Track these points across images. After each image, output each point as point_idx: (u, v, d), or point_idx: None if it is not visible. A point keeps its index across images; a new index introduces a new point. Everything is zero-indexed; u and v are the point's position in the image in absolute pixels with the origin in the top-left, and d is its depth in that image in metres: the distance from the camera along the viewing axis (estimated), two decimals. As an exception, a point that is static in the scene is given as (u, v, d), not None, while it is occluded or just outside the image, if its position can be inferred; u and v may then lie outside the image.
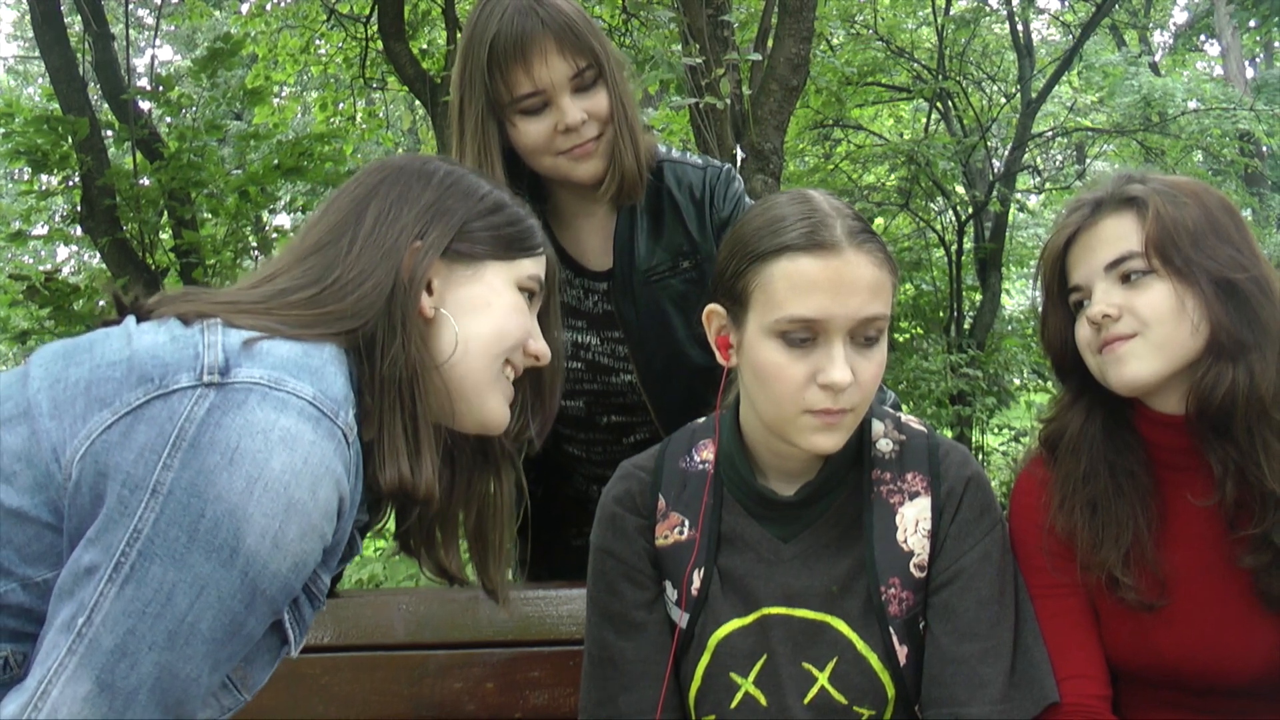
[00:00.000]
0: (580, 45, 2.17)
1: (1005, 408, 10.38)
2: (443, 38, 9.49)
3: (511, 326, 1.62)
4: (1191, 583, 1.84)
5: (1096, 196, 1.88)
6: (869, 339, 1.71)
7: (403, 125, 17.96)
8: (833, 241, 1.68)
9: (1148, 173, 1.89)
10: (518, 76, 2.14)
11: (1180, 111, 14.45)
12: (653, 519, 1.94)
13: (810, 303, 1.66)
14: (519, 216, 1.68)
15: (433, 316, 1.58)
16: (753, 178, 5.89)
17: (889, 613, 1.81)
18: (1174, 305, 1.76)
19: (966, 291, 11.55)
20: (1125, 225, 1.81)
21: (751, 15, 9.13)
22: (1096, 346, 1.83)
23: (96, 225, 6.45)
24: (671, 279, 2.41)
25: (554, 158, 2.22)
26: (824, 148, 13.80)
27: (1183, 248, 1.76)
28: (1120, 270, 1.80)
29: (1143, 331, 1.78)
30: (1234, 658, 1.81)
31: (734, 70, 6.04)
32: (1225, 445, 1.78)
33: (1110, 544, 1.85)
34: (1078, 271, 1.87)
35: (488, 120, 2.19)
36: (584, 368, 2.44)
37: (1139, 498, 1.86)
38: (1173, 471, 1.87)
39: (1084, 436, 1.92)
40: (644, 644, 1.88)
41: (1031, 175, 15.53)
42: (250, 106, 10.04)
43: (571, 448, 2.52)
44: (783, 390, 1.71)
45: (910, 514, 1.85)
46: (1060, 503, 1.91)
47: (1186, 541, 1.85)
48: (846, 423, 1.74)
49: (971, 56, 13.78)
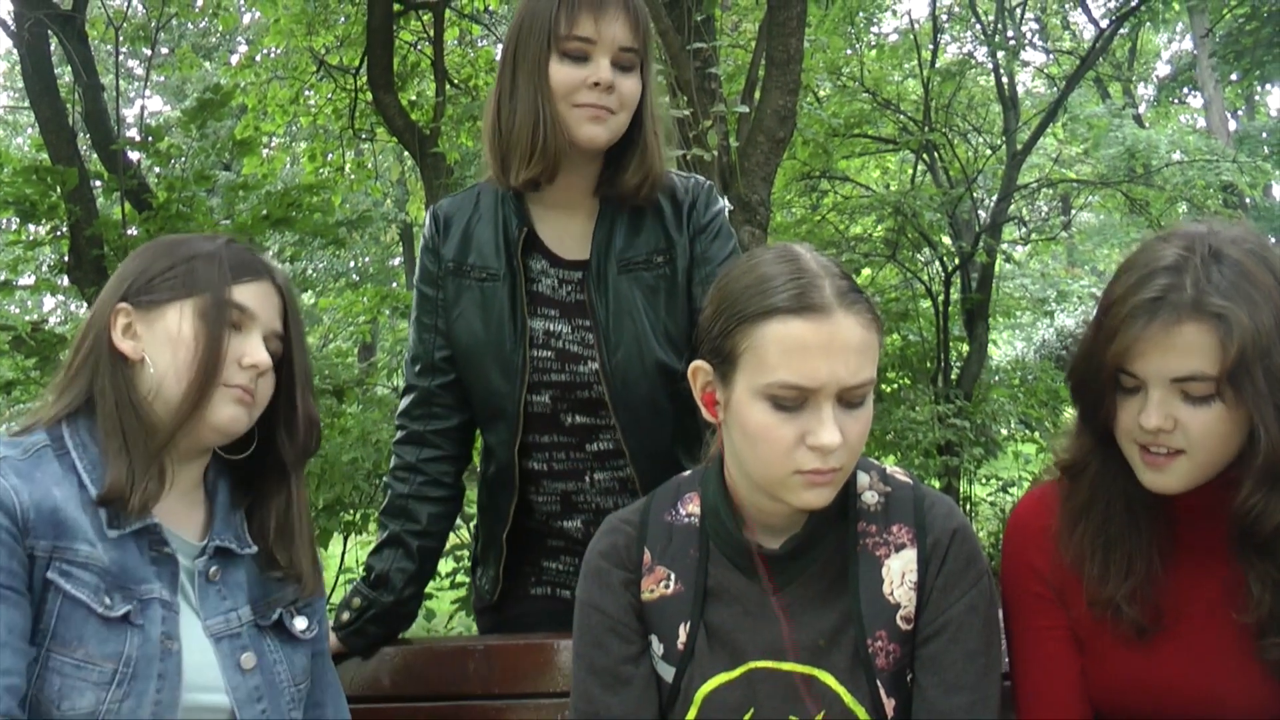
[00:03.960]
0: (641, 31, 2.33)
1: (993, 458, 10.38)
2: (431, 89, 9.56)
3: (204, 352, 1.87)
4: (1187, 622, 1.84)
5: (1174, 286, 1.72)
6: (855, 402, 1.72)
7: (391, 176, 18.06)
8: (823, 304, 1.68)
9: (1221, 239, 1.75)
10: (584, 18, 2.28)
11: (1164, 163, 14.54)
12: (638, 573, 1.93)
13: (802, 369, 1.67)
14: (199, 259, 1.93)
15: (140, 358, 1.88)
16: (740, 229, 5.90)
17: (876, 665, 1.80)
18: (1227, 428, 1.72)
19: (953, 342, 11.54)
20: (1206, 341, 1.68)
21: (739, 67, 9.21)
22: (1137, 443, 1.80)
23: (84, 275, 6.44)
24: (645, 272, 2.44)
25: (571, 108, 2.31)
26: (811, 199, 13.83)
27: (1253, 376, 1.67)
28: (1186, 386, 1.72)
29: (1190, 450, 1.75)
30: (1224, 694, 1.81)
31: (721, 122, 6.06)
32: (1264, 564, 1.77)
33: (1119, 578, 1.85)
34: (1140, 365, 1.75)
35: (545, 51, 2.30)
36: (553, 356, 2.44)
37: (1152, 537, 1.86)
38: (1193, 524, 1.86)
39: (1107, 473, 1.90)
40: (630, 699, 1.86)
41: (1017, 226, 15.59)
42: (239, 157, 10.08)
43: (534, 461, 2.51)
44: (773, 452, 1.71)
45: (896, 566, 1.85)
46: (1070, 530, 1.91)
47: (1191, 576, 1.85)
48: (836, 480, 1.74)
49: (957, 109, 13.87)
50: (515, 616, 2.62)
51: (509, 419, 2.45)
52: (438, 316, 2.50)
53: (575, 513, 2.54)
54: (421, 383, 2.52)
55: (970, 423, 9.56)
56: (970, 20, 14.56)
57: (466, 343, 2.46)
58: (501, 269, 2.44)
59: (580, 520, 2.53)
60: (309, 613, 2.04)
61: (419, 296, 2.54)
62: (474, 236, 2.48)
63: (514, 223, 2.44)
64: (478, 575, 2.72)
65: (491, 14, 10.99)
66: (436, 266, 2.51)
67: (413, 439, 2.53)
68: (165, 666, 1.77)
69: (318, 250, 14.77)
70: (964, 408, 9.84)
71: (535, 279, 2.46)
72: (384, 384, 8.46)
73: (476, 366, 2.47)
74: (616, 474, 2.51)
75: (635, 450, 2.45)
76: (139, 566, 1.80)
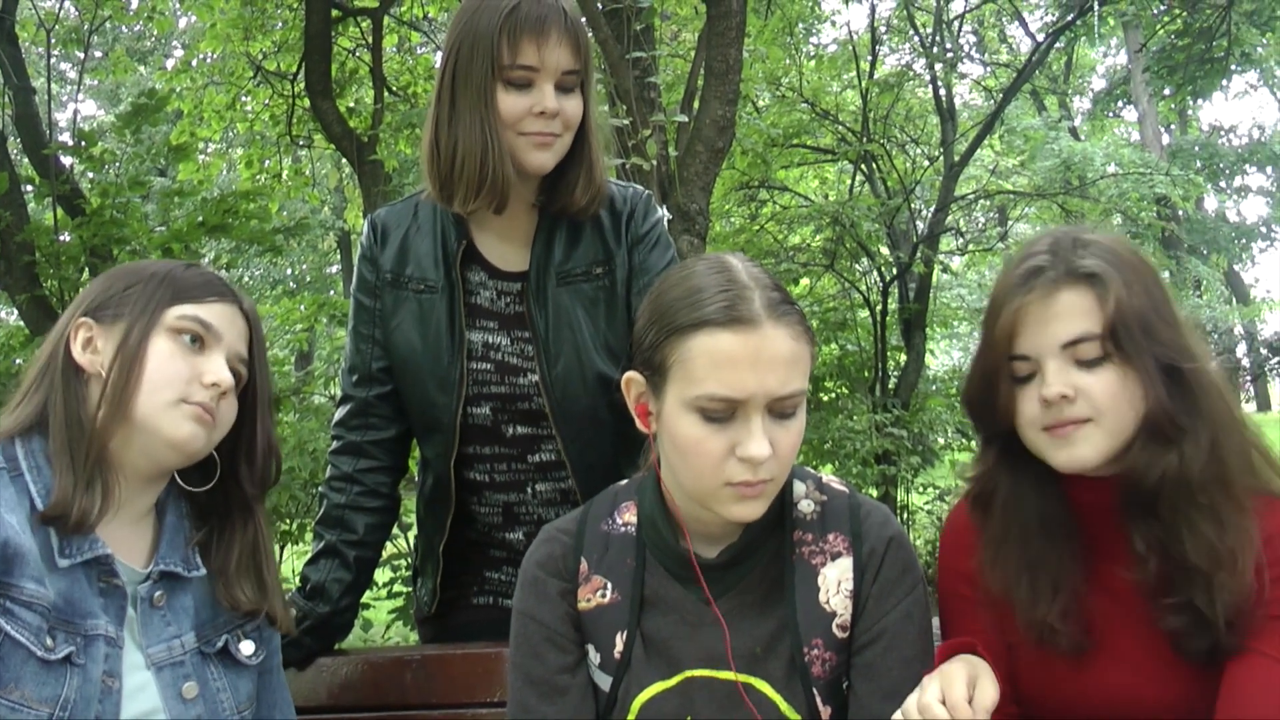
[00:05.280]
0: (582, 51, 2.32)
1: (930, 466, 10.43)
2: (370, 96, 9.51)
3: (167, 371, 1.85)
4: (1113, 631, 1.86)
5: (1046, 263, 1.83)
6: (786, 413, 1.72)
7: (329, 183, 17.94)
8: (751, 316, 1.69)
9: (1085, 233, 1.88)
10: (526, 47, 2.25)
11: (1099, 176, 14.75)
12: (575, 582, 1.93)
13: (730, 381, 1.67)
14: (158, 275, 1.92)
15: (98, 373, 1.85)
16: (679, 238, 5.91)
17: (812, 674, 1.80)
18: (1124, 390, 1.77)
19: (891, 352, 11.61)
20: (1084, 302, 1.78)
21: (678, 77, 9.23)
22: (1043, 425, 1.83)
23: (15, 282, 6.35)
24: (584, 283, 2.44)
25: (517, 136, 2.29)
26: (750, 209, 13.87)
27: (1135, 333, 1.76)
28: (1075, 350, 1.79)
29: (1096, 417, 1.78)
30: (1153, 702, 1.82)
31: (660, 131, 6.07)
32: (1149, 522, 1.80)
33: (1047, 599, 1.86)
34: (1027, 342, 1.83)
35: (490, 80, 2.27)
36: (493, 368, 2.44)
37: (1070, 550, 1.88)
38: (1097, 527, 1.89)
39: (1015, 496, 1.93)
40: (567, 708, 1.86)
41: (955, 237, 15.70)
42: (175, 163, 9.95)
43: (475, 473, 2.50)
44: (702, 463, 1.72)
45: (832, 574, 1.85)
46: (993, 561, 1.92)
47: (1109, 592, 1.87)
48: (767, 492, 1.75)
49: (895, 120, 13.94)
50: (458, 625, 2.62)
51: (445, 432, 2.44)
52: (375, 327, 2.49)
53: (517, 524, 2.53)
54: (358, 393, 2.51)
55: (907, 432, 9.62)
56: (908, 32, 14.68)
57: (404, 355, 2.45)
58: (440, 281, 2.42)
59: (523, 532, 2.52)
60: (256, 636, 2.01)
61: (356, 306, 2.52)
62: (412, 248, 2.46)
63: (453, 235, 2.43)
64: (418, 586, 2.71)
65: (431, 21, 10.96)
66: (374, 276, 2.49)
67: (349, 449, 2.51)
68: (104, 707, 1.74)
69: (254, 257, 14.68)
70: (901, 417, 9.91)
71: (474, 291, 2.45)
72: (321, 393, 8.40)
73: (413, 379, 2.45)
74: (559, 485, 2.50)
75: (576, 461, 2.45)
76: (86, 599, 1.76)
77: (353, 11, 8.85)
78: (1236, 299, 29.04)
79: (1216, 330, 21.69)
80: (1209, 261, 26.79)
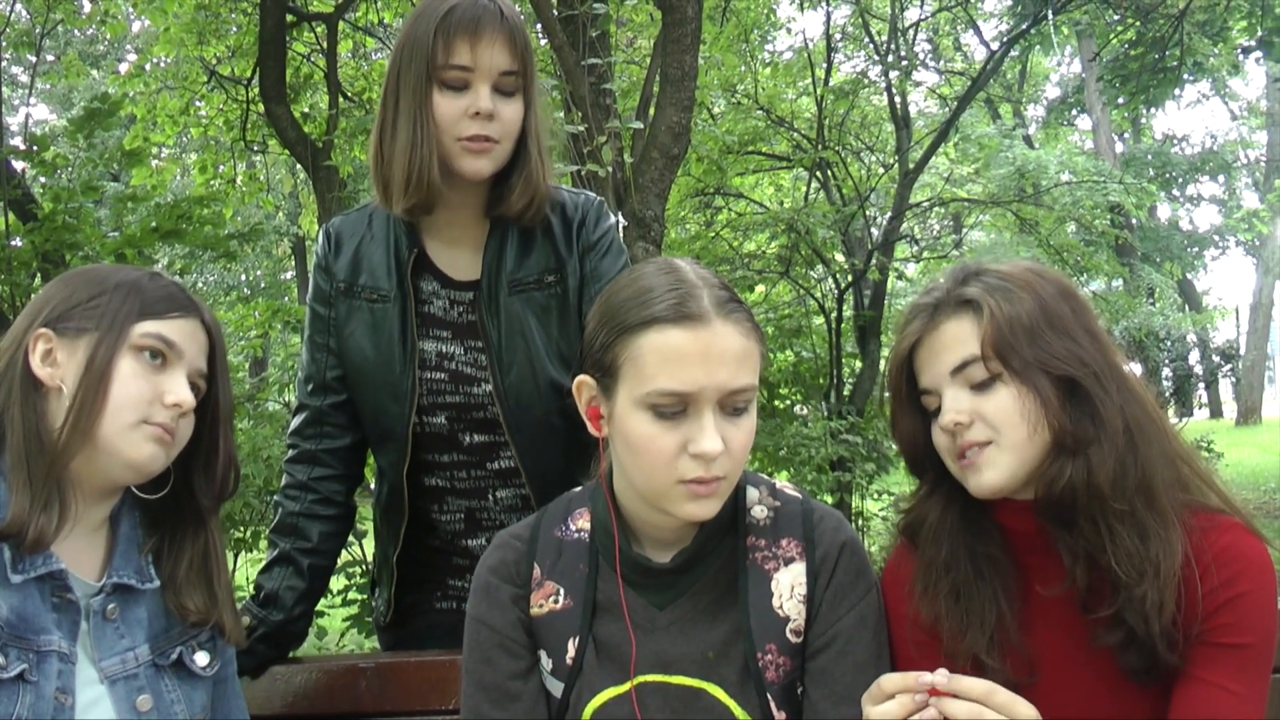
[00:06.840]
0: (520, 53, 2.29)
1: (885, 473, 10.46)
2: (324, 101, 9.48)
3: (130, 392, 1.81)
4: (1059, 661, 1.86)
5: (935, 299, 1.91)
6: (738, 409, 1.74)
7: (284, 189, 17.85)
8: (700, 313, 1.70)
9: (984, 264, 1.93)
10: (460, 46, 2.24)
11: (1053, 184, 14.83)
12: (528, 588, 1.93)
13: (680, 376, 1.68)
14: (121, 288, 1.88)
15: (57, 386, 1.81)
16: (634, 245, 5.93)
17: (766, 679, 1.81)
18: (1019, 408, 1.80)
19: (846, 358, 11.67)
20: (964, 329, 1.84)
21: (634, 84, 9.25)
22: (954, 453, 1.86)
23: (-34, 287, 6.30)
24: (536, 291, 2.43)
25: (454, 141, 2.28)
26: (705, 215, 13.92)
27: (1019, 349, 1.80)
28: (965, 375, 1.83)
29: (995, 438, 1.81)
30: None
31: (616, 138, 6.07)
32: (1072, 535, 1.81)
33: (975, 629, 1.86)
34: (925, 375, 1.90)
35: (425, 83, 2.27)
36: (447, 378, 2.43)
37: (1000, 582, 1.89)
38: (1031, 555, 1.90)
39: (943, 525, 1.94)
40: (519, 714, 1.86)
41: (909, 244, 15.80)
42: (128, 168, 9.92)
43: (435, 479, 2.50)
44: (655, 461, 1.72)
45: (786, 580, 1.86)
46: (924, 590, 1.92)
47: (1051, 622, 1.87)
48: (720, 490, 1.75)
49: (850, 127, 14.03)
50: (420, 630, 2.61)
51: (398, 441, 2.44)
52: (329, 335, 2.48)
53: (480, 530, 2.54)
54: (313, 402, 2.50)
55: (862, 439, 9.65)
56: (863, 40, 14.78)
57: (357, 364, 2.45)
58: (392, 290, 2.42)
59: (485, 538, 2.51)
60: (211, 648, 1.99)
61: (311, 315, 2.51)
62: (365, 257, 2.46)
63: (405, 243, 2.42)
64: (374, 595, 2.71)
65: (386, 27, 10.93)
66: (329, 285, 2.49)
67: (304, 457, 2.50)
68: None
69: (208, 263, 14.60)
70: (856, 424, 9.94)
71: (426, 300, 2.45)
72: (275, 399, 8.37)
73: (366, 388, 2.45)
74: (519, 491, 2.50)
75: (531, 469, 2.45)
76: (39, 615, 1.74)
77: (307, 16, 8.83)
78: (1189, 307, 29.31)
79: (1169, 338, 21.84)
80: (1162, 269, 27.06)
